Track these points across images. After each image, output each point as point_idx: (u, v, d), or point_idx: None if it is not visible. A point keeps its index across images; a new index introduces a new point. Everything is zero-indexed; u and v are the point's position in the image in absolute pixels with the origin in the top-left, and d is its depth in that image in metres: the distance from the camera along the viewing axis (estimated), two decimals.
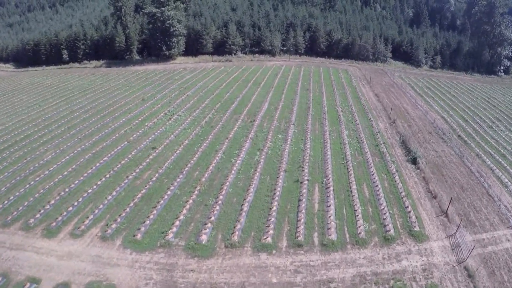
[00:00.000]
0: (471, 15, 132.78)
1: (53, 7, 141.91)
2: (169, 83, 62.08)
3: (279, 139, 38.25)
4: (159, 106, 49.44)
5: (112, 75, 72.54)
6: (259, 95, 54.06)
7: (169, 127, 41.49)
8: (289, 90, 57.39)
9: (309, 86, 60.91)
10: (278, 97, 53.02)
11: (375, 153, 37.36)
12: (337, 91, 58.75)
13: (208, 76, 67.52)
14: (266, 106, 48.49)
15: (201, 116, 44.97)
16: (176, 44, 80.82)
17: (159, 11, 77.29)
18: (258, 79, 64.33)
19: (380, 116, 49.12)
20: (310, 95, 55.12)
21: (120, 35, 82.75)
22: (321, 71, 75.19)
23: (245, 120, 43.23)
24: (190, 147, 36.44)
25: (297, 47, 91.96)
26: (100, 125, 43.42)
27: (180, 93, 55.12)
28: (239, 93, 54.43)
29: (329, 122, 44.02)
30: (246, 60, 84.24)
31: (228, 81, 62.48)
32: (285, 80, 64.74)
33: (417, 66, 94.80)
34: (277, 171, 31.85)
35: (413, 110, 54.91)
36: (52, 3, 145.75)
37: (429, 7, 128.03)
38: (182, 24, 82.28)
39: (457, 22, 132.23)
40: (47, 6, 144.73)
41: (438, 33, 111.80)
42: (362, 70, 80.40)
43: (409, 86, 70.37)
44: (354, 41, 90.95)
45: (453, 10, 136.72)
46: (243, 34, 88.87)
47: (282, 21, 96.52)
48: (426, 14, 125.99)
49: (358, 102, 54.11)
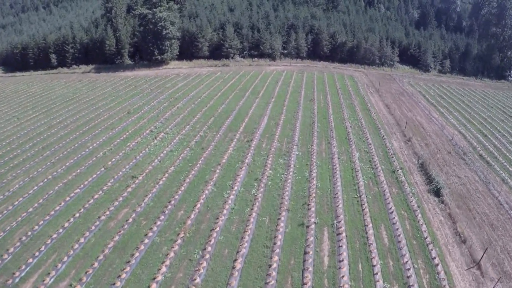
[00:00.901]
0: (478, 17, 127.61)
1: (47, 7, 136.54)
2: (159, 92, 56.73)
3: (281, 164, 33.02)
4: (145, 120, 44.17)
5: (99, 82, 67.21)
6: (258, 107, 48.77)
7: (154, 149, 36.23)
8: (291, 101, 52.10)
9: (313, 95, 55.64)
10: (279, 110, 47.75)
11: (392, 181, 32.19)
12: (344, 102, 53.48)
13: (203, 83, 62.18)
14: (265, 121, 43.22)
15: (191, 134, 39.69)
16: (169, 48, 75.42)
17: (150, 13, 71.89)
18: (257, 87, 59.03)
19: (393, 132, 43.90)
20: (315, 106, 49.85)
21: (110, 38, 77.41)
22: (325, 77, 69.89)
23: (241, 140, 37.96)
24: (176, 175, 31.22)
25: (299, 50, 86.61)
26: (78, 144, 38.22)
27: (170, 105, 49.79)
28: (236, 105, 49.14)
29: (337, 141, 38.80)
30: (244, 65, 78.89)
31: (224, 90, 57.14)
32: (287, 88, 59.46)
33: (425, 71, 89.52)
34: (278, 210, 26.65)
35: (428, 124, 49.72)
36: (46, 3, 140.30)
37: (434, 7, 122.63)
38: (176, 26, 76.88)
39: (463, 24, 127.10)
40: (41, 6, 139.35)
41: (445, 35, 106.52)
42: (369, 76, 75.09)
43: (420, 95, 65.14)
44: (359, 44, 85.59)
45: (459, 11, 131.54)
46: (241, 37, 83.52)
47: (283, 23, 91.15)
48: (432, 15, 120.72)
49: (368, 114, 48.86)
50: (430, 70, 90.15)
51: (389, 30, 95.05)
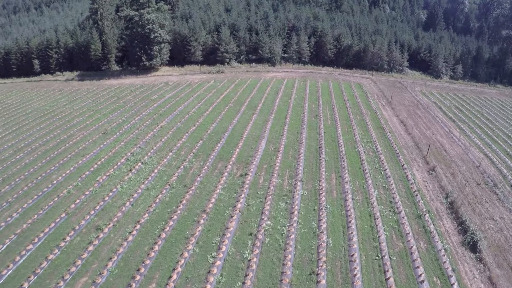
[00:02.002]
0: (487, 18, 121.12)
1: (38, 8, 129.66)
2: (143, 106, 50.13)
3: (281, 210, 26.59)
4: (122, 144, 37.65)
5: (81, 92, 60.55)
6: (255, 126, 42.23)
7: (127, 186, 29.75)
8: (294, 117, 45.54)
9: (319, 109, 49.09)
10: (279, 129, 41.23)
11: (419, 232, 25.87)
12: (354, 117, 46.98)
13: (193, 94, 55.51)
14: (263, 146, 36.71)
15: (173, 164, 33.17)
16: (158, 53, 68.69)
17: (137, 14, 65.12)
18: (254, 100, 52.45)
19: (414, 158, 37.48)
20: (321, 124, 43.34)
21: (95, 43, 70.69)
22: (330, 86, 63.34)
23: (234, 173, 31.49)
24: (150, 227, 24.80)
25: (301, 54, 79.92)
26: (42, 177, 31.84)
27: (153, 123, 43.23)
28: (229, 123, 42.60)
29: (350, 174, 32.36)
30: (241, 71, 72.19)
31: (217, 103, 50.50)
32: (288, 100, 52.89)
33: (436, 77, 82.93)
34: (277, 285, 20.28)
35: (451, 145, 43.33)
36: (38, 4, 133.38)
37: (441, 8, 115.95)
38: (166, 28, 70.19)
39: (470, 25, 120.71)
40: (32, 7, 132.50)
41: (455, 38, 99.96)
42: (378, 84, 68.53)
43: (435, 106, 58.69)
44: (366, 48, 78.92)
45: (467, 12, 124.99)
46: (237, 40, 76.79)
47: (283, 24, 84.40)
48: (441, 16, 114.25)
49: (383, 134, 42.39)
50: (441, 76, 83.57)
51: (398, 32, 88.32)
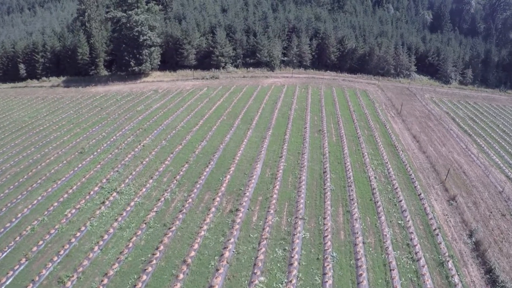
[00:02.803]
0: (494, 19, 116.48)
1: (31, 8, 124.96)
2: (127, 119, 45.45)
3: (278, 260, 22.03)
4: (98, 167, 33.06)
5: (64, 101, 55.90)
6: (250, 144, 37.58)
7: (98, 224, 25.17)
8: (294, 133, 40.89)
9: (322, 122, 44.44)
10: (277, 149, 36.60)
11: (442, 285, 21.51)
12: (362, 132, 42.36)
13: (183, 104, 50.69)
14: (258, 171, 32.10)
15: (153, 195, 28.59)
16: (148, 57, 63.92)
17: (124, 16, 60.33)
18: (250, 111, 47.80)
19: (431, 185, 32.93)
20: (325, 142, 38.68)
21: (83, 46, 66.01)
22: (334, 93, 58.66)
23: (223, 208, 26.91)
24: (120, 283, 20.29)
25: (302, 58, 75.21)
26: (6, 208, 27.46)
27: (136, 140, 38.56)
28: (220, 141, 37.93)
29: (360, 206, 27.82)
30: (237, 77, 67.44)
31: (208, 116, 45.76)
32: (288, 111, 48.25)
33: (445, 82, 78.28)
34: None
35: (469, 165, 38.79)
36: (32, 4, 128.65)
37: (446, 8, 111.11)
38: (156, 31, 65.47)
39: (477, 27, 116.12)
40: (26, 7, 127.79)
41: (463, 40, 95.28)
42: (385, 91, 63.84)
43: (448, 117, 54.07)
44: (372, 51, 74.15)
45: (473, 13, 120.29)
46: (234, 42, 72.06)
47: (283, 25, 79.66)
48: (447, 17, 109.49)
49: (395, 153, 37.76)
50: (450, 81, 78.89)
51: (404, 34, 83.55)
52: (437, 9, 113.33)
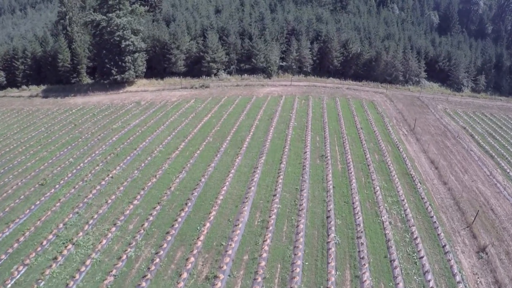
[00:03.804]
0: (504, 20, 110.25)
1: (23, 10, 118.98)
2: (100, 139, 39.41)
3: None
4: (57, 206, 27.12)
5: (39, 114, 49.93)
6: (238, 178, 31.24)
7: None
8: (292, 160, 34.75)
9: (325, 144, 38.24)
10: (271, 184, 30.38)
11: None
12: (372, 157, 36.19)
13: (165, 121, 44.39)
14: (246, 217, 26.03)
15: (114, 250, 22.58)
16: (132, 64, 57.78)
17: (104, 19, 54.19)
18: (241, 130, 41.57)
19: (456, 230, 26.97)
20: (329, 172, 32.52)
21: (63, 52, 60.00)
22: (338, 105, 52.51)
23: (198, 273, 20.88)
24: None
25: (302, 63, 69.05)
26: None
27: (105, 169, 32.50)
28: (203, 172, 31.78)
29: (372, 268, 21.85)
30: (229, 85, 61.19)
31: (192, 136, 39.41)
32: (285, 129, 42.11)
33: (457, 90, 72.08)
34: None
35: (496, 199, 32.81)
36: (23, 5, 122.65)
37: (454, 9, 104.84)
38: (141, 35, 59.39)
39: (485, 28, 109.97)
40: (17, 8, 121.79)
41: (473, 43, 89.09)
42: (394, 102, 57.67)
43: (466, 134, 48.00)
44: (378, 56, 67.90)
45: (481, 14, 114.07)
46: (227, 46, 65.93)
47: (281, 27, 73.47)
48: (456, 18, 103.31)
49: (412, 187, 31.62)
50: (462, 89, 72.64)
51: (413, 37, 77.26)
52: (444, 10, 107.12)
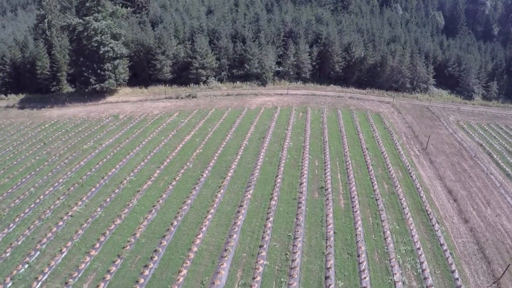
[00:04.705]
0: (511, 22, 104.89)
1: (14, 11, 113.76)
2: (67, 163, 33.92)
3: None
4: (8, 252, 22.09)
5: (11, 129, 44.35)
6: (218, 219, 25.65)
7: None
8: (285, 193, 29.13)
9: (325, 171, 32.66)
10: (258, 228, 24.86)
11: None
12: (380, 189, 30.64)
13: (143, 140, 38.73)
14: (223, 279, 20.64)
15: None
16: (112, 72, 52.21)
17: (81, 23, 48.71)
18: (227, 152, 35.92)
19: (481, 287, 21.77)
20: (329, 210, 27.09)
21: (42, 58, 54.47)
22: (340, 119, 46.88)
23: None
24: None
25: (300, 69, 63.57)
26: None
27: (66, 205, 26.94)
28: (177, 210, 26.32)
29: None
30: (219, 95, 55.42)
31: (170, 161, 33.85)
32: (279, 152, 36.19)
33: (468, 97, 66.51)
34: None
35: None
36: (15, 6, 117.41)
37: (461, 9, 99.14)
38: (123, 39, 53.88)
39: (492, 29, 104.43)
40: (8, 10, 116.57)
41: (481, 46, 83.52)
42: (402, 114, 52.08)
43: (484, 152, 42.56)
44: (384, 61, 62.24)
45: (487, 14, 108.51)
46: (218, 51, 60.38)
47: (278, 29, 67.92)
48: (463, 19, 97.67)
49: (428, 228, 26.17)
50: (473, 96, 67.04)
51: (420, 40, 71.66)
52: (450, 10, 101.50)
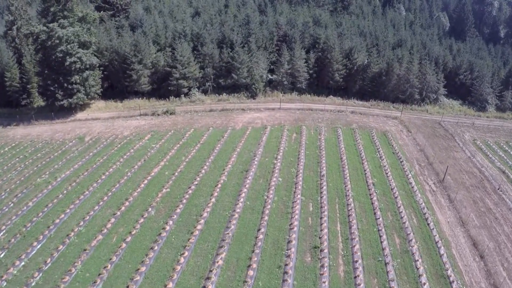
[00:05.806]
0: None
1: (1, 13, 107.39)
2: (15, 203, 27.56)
3: None
4: None
5: None
6: None
7: None
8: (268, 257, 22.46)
9: (321, 222, 26.11)
10: None
11: None
12: (391, 246, 23.96)
13: (105, 172, 32.27)
14: None
15: None
16: (82, 86, 45.65)
17: (44, 31, 42.32)
18: (200, 192, 29.28)
19: None
20: (324, 283, 20.91)
21: (11, 68, 48.09)
22: (341, 142, 39.95)
23: None
24: None
25: (295, 78, 56.90)
26: None
27: (2, 263, 21.20)
28: (128, 281, 19.99)
29: None
30: (201, 110, 48.47)
31: (130, 204, 27.45)
32: (264, 192, 29.45)
33: (481, 109, 59.77)
34: None
35: None
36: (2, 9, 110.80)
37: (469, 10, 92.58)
38: (94, 47, 47.34)
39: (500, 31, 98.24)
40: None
41: (492, 50, 77.20)
42: (412, 132, 45.22)
43: (508, 182, 36.12)
44: (390, 69, 55.41)
45: (495, 15, 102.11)
46: (202, 58, 53.74)
47: (271, 33, 61.28)
48: (471, 20, 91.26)
49: None
50: (486, 107, 60.34)
51: (428, 44, 64.99)
52: (457, 11, 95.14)
